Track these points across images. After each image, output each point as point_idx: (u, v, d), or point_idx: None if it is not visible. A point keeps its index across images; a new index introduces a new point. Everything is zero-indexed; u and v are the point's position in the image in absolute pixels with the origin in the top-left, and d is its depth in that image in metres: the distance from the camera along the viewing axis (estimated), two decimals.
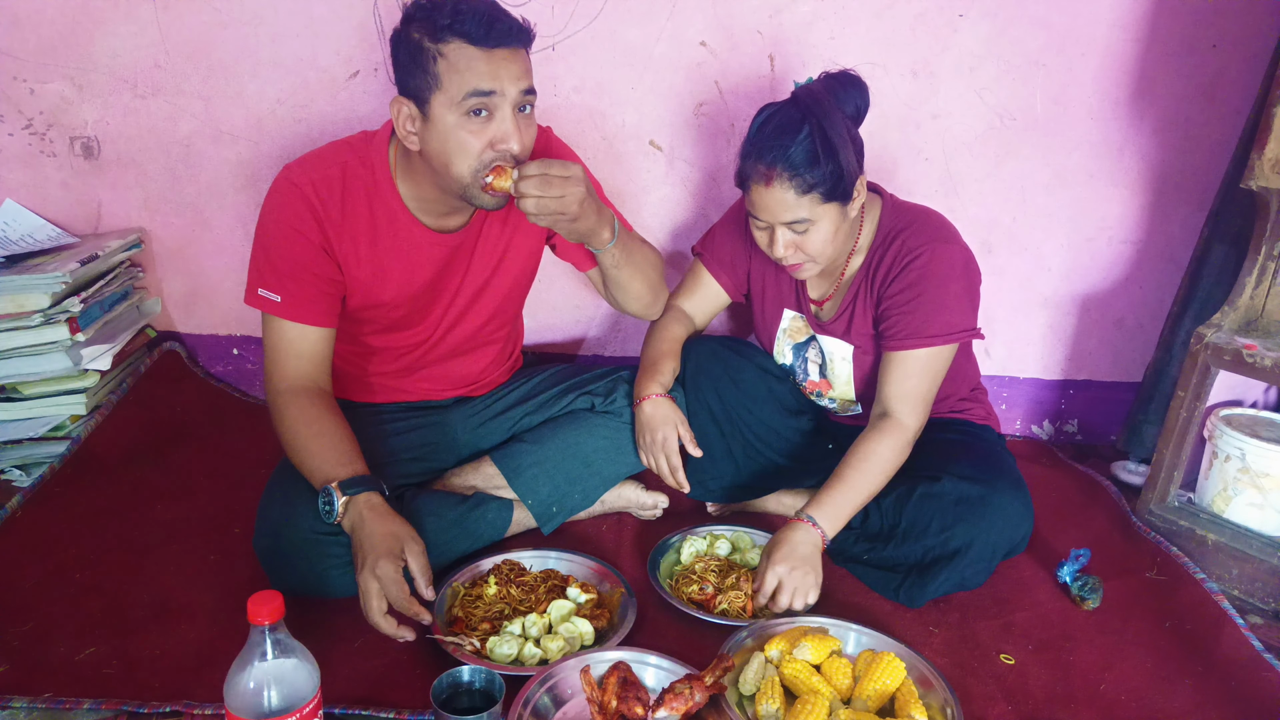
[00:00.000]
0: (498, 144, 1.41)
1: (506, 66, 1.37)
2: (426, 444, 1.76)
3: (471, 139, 1.40)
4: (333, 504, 1.40)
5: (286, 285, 1.51)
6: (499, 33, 1.36)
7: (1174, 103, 2.06)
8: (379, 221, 1.56)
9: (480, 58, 1.36)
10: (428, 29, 1.37)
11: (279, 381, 1.53)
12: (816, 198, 1.49)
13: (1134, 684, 1.44)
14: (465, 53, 1.36)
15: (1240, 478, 1.82)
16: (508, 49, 1.38)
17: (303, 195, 1.49)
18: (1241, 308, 1.83)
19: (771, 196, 1.50)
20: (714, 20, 2.02)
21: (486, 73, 1.36)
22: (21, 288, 1.85)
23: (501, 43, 1.37)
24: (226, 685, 1.05)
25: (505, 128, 1.40)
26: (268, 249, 1.52)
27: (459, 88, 1.36)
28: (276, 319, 1.52)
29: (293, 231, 1.50)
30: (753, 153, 1.52)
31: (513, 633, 1.42)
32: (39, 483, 1.80)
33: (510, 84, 1.38)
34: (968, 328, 1.61)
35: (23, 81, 2.06)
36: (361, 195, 1.54)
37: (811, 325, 1.77)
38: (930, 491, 1.57)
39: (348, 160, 1.54)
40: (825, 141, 1.47)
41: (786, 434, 1.80)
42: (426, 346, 1.74)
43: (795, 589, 1.48)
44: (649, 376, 1.72)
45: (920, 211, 1.68)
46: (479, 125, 1.39)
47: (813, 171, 1.47)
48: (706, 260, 1.85)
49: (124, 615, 1.47)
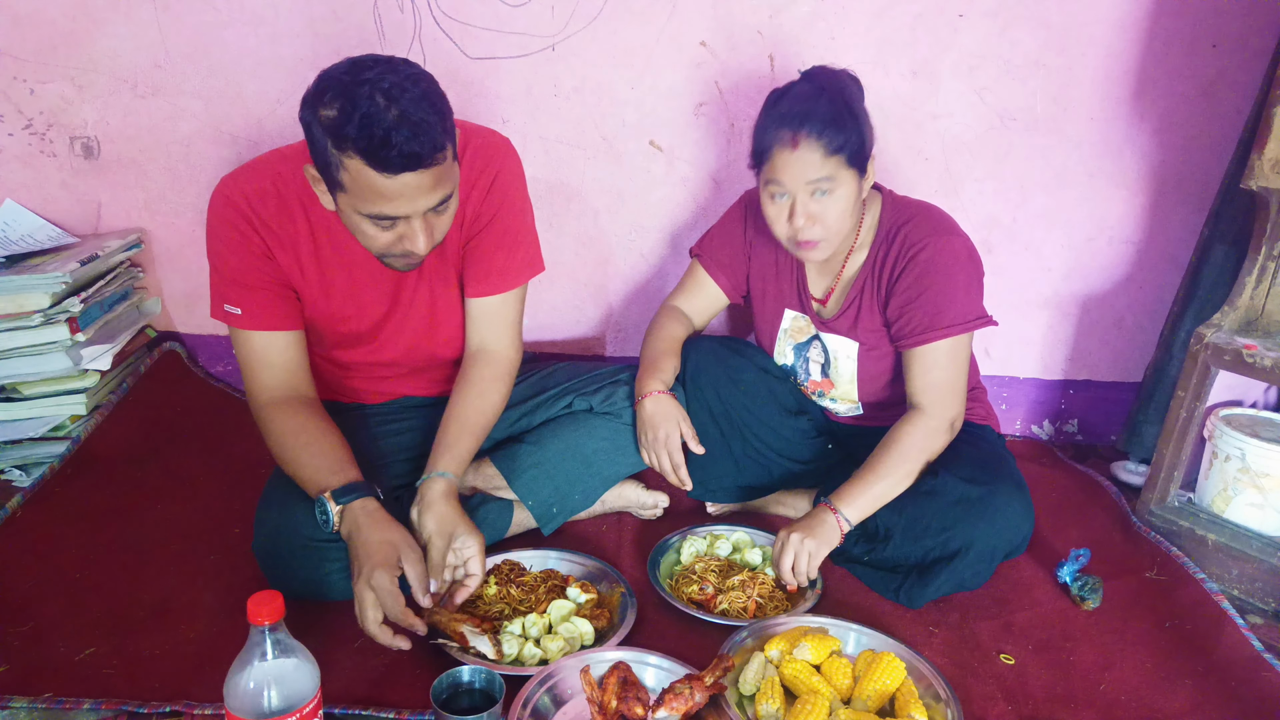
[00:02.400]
0: (404, 244, 1.36)
1: (410, 192, 1.28)
2: (422, 444, 1.74)
3: (380, 236, 1.35)
4: (328, 514, 1.39)
5: (242, 296, 1.49)
6: (399, 159, 1.23)
7: (1174, 103, 2.06)
8: (319, 233, 1.51)
9: (382, 183, 1.26)
10: (331, 132, 1.24)
11: (259, 394, 1.52)
12: (841, 160, 1.50)
13: (1134, 684, 1.44)
14: (366, 175, 1.25)
15: (1240, 478, 1.82)
16: (412, 173, 1.26)
17: (236, 207, 1.46)
18: (1241, 308, 1.83)
19: (798, 158, 1.49)
20: (714, 20, 2.02)
21: (389, 199, 1.28)
22: (21, 288, 1.85)
23: (404, 169, 1.24)
24: (226, 685, 1.04)
25: (412, 235, 1.34)
26: (217, 264, 1.50)
27: (361, 204, 1.30)
28: (242, 331, 1.51)
29: (234, 243, 1.47)
30: (774, 122, 1.52)
31: (513, 633, 1.42)
32: (39, 483, 1.80)
33: (413, 206, 1.30)
34: (980, 315, 1.62)
35: (23, 81, 2.06)
36: (297, 205, 1.48)
37: (814, 324, 1.77)
38: (930, 492, 1.57)
39: (280, 171, 1.47)
40: (847, 106, 1.50)
41: (786, 434, 1.80)
42: (396, 364, 1.71)
43: (799, 552, 1.52)
44: (650, 374, 1.72)
45: (920, 206, 1.68)
46: (386, 228, 1.34)
47: (840, 132, 1.48)
48: (704, 261, 1.85)
49: (124, 615, 1.47)
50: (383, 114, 1.21)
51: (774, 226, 1.59)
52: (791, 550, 1.52)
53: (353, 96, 1.22)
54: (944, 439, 1.62)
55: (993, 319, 1.64)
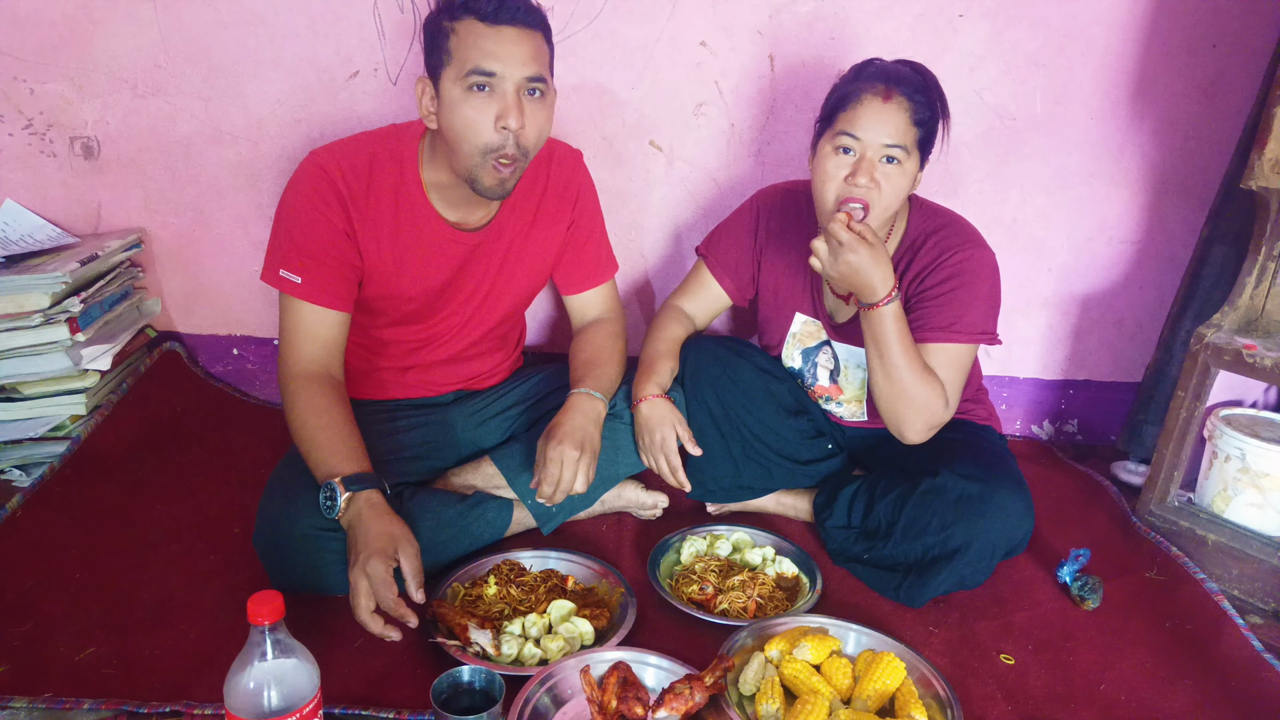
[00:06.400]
0: (500, 120, 1.41)
1: (511, 47, 1.39)
2: (427, 442, 1.76)
3: (474, 114, 1.41)
4: (335, 499, 1.40)
5: (308, 267, 1.52)
6: (508, 11, 1.38)
7: (1174, 103, 2.06)
8: (402, 214, 1.57)
9: (487, 35, 1.38)
10: (447, 7, 1.41)
11: (293, 365, 1.53)
12: (917, 135, 1.51)
13: (1134, 684, 1.44)
14: (474, 29, 1.38)
15: (1240, 478, 1.82)
16: (515, 29, 1.39)
17: (329, 179, 1.51)
18: (1241, 308, 1.83)
19: (886, 113, 1.48)
20: (714, 20, 2.02)
21: (490, 51, 1.38)
22: (21, 288, 1.85)
23: (509, 21, 1.39)
24: (226, 685, 1.04)
25: (505, 104, 1.41)
26: (291, 230, 1.52)
27: (464, 63, 1.39)
28: (296, 300, 1.53)
29: (317, 214, 1.51)
30: (866, 78, 1.51)
31: (513, 633, 1.42)
32: (39, 483, 1.80)
33: (513, 66, 1.39)
34: (991, 331, 1.64)
35: (23, 81, 2.06)
36: (387, 186, 1.55)
37: (826, 329, 1.76)
38: (931, 489, 1.57)
39: (376, 151, 1.56)
40: (939, 91, 1.52)
41: (786, 434, 1.80)
42: (437, 343, 1.75)
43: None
44: (646, 377, 1.72)
45: (950, 215, 1.70)
46: (482, 101, 1.41)
47: (926, 108, 1.50)
48: (710, 262, 1.85)
49: (124, 615, 1.47)
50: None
51: (825, 185, 1.52)
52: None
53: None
54: (921, 437, 1.60)
55: (999, 339, 1.66)
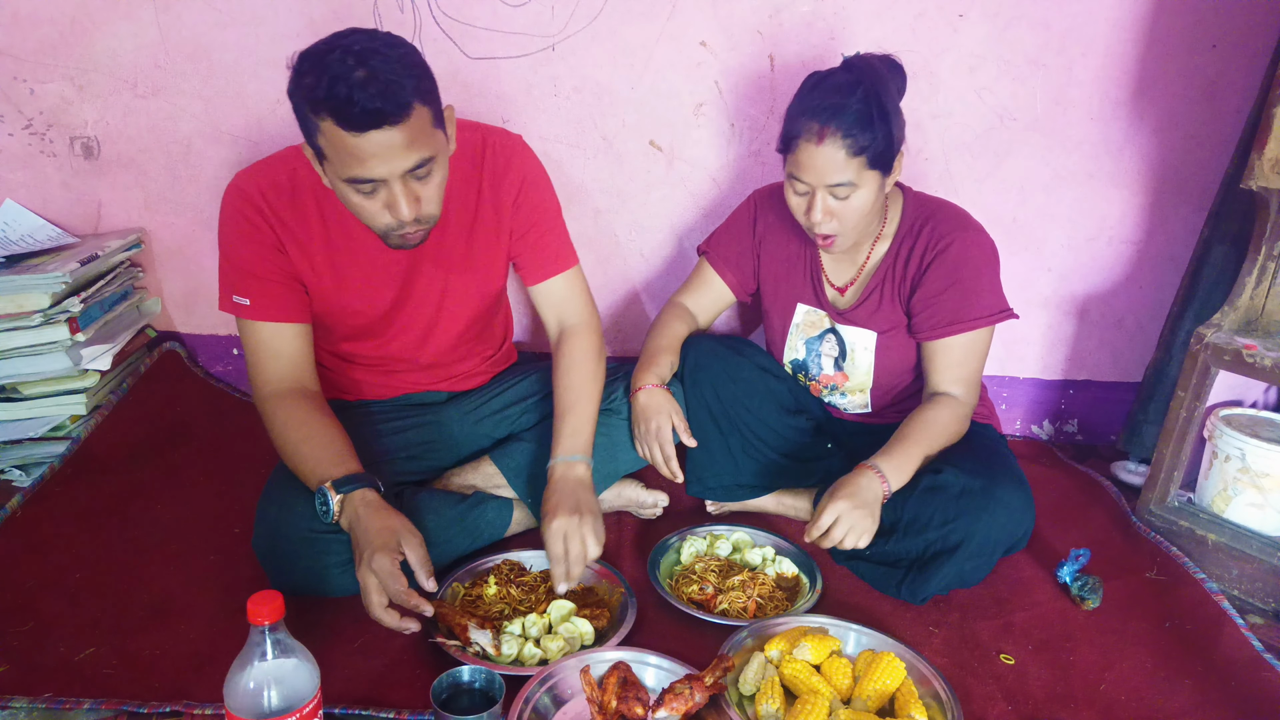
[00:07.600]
0: (392, 212, 1.35)
1: (384, 152, 1.27)
2: (423, 442, 1.76)
3: (365, 204, 1.35)
4: (328, 504, 1.40)
5: (253, 287, 1.51)
6: (370, 116, 1.23)
7: (1174, 103, 2.06)
8: (331, 227, 1.54)
9: (355, 144, 1.25)
10: (306, 97, 1.25)
11: (263, 386, 1.54)
12: (864, 161, 1.50)
13: (1134, 684, 1.44)
14: (338, 135, 1.25)
15: (1240, 478, 1.82)
16: (382, 131, 1.25)
17: (249, 199, 1.49)
18: (1241, 308, 1.83)
19: (821, 155, 1.49)
20: (714, 20, 2.02)
21: (363, 160, 1.27)
22: (21, 288, 1.85)
23: (374, 125, 1.24)
24: (226, 685, 1.04)
25: (393, 197, 1.33)
26: (229, 255, 1.53)
27: (340, 166, 1.30)
28: (250, 322, 1.53)
29: (245, 235, 1.50)
30: (804, 111, 1.51)
31: (513, 633, 1.42)
32: (39, 483, 1.80)
33: (391, 164, 1.28)
34: (1004, 308, 1.66)
35: (23, 81, 2.06)
36: (311, 201, 1.52)
37: (830, 316, 1.77)
38: (933, 485, 1.57)
39: (295, 166, 1.51)
40: (879, 105, 1.49)
41: (785, 433, 1.80)
42: (402, 356, 1.73)
43: (852, 527, 1.48)
44: (646, 369, 1.73)
45: (941, 202, 1.72)
46: (370, 195, 1.34)
47: (865, 133, 1.48)
48: (712, 259, 1.86)
49: (124, 615, 1.47)
50: (350, 73, 1.22)
51: (795, 214, 1.62)
52: (844, 527, 1.48)
53: (325, 60, 1.24)
54: (964, 427, 1.65)
55: (1014, 312, 1.67)
